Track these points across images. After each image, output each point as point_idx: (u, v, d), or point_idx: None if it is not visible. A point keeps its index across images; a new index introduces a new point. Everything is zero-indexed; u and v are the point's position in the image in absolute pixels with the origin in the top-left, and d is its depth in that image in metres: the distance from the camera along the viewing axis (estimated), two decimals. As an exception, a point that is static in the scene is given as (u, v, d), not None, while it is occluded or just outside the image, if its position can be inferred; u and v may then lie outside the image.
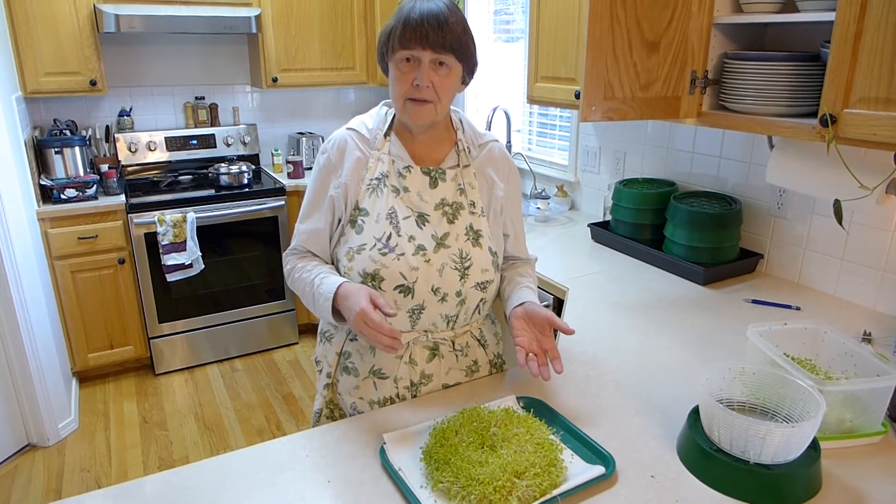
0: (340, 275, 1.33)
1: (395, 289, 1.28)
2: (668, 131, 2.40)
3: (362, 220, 1.31)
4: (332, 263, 1.39)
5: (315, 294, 1.28)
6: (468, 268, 1.32)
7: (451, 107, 1.39)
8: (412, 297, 1.29)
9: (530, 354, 1.25)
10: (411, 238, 1.29)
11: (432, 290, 1.30)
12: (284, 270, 1.41)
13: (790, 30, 1.85)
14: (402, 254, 1.28)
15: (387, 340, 1.16)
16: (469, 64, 1.28)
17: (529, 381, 1.41)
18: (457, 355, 1.40)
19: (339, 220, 1.35)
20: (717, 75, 1.79)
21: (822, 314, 1.77)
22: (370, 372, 1.37)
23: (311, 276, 1.31)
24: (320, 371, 1.48)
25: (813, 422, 1.00)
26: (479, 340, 1.44)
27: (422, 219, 1.31)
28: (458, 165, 1.36)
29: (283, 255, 1.43)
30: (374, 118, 1.38)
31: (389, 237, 1.29)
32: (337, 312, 1.27)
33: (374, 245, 1.29)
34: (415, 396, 1.37)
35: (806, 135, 1.50)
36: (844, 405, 1.19)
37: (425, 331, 1.35)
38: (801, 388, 1.10)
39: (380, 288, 1.28)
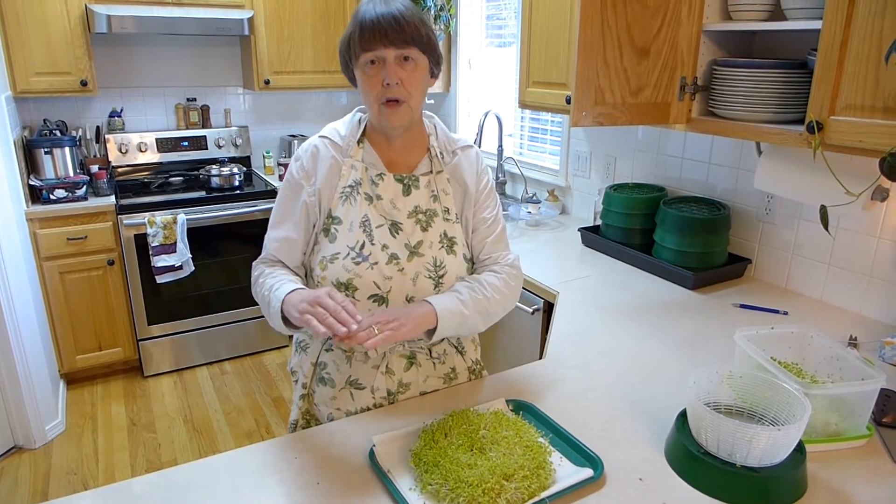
0: (314, 285, 1.31)
1: (369, 298, 1.27)
2: (658, 137, 2.42)
3: (335, 229, 1.29)
4: (306, 273, 1.37)
5: (270, 298, 1.23)
6: (442, 276, 1.31)
7: (426, 112, 1.38)
8: (386, 307, 1.28)
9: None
10: (384, 247, 1.28)
11: (406, 299, 1.28)
12: (252, 279, 1.36)
13: (778, 37, 1.87)
14: (376, 263, 1.26)
15: (342, 317, 1.09)
16: (434, 55, 1.26)
17: (519, 385, 1.41)
18: (434, 363, 1.39)
19: (314, 227, 1.32)
20: (706, 82, 1.81)
21: (808, 319, 1.78)
22: (347, 382, 1.35)
23: (272, 281, 1.26)
24: (296, 382, 1.46)
25: (799, 425, 1.02)
26: (456, 347, 1.43)
27: (395, 227, 1.30)
28: (431, 172, 1.35)
29: (253, 264, 1.37)
30: (347, 125, 1.35)
31: (363, 246, 1.27)
32: (287, 321, 1.21)
33: (348, 254, 1.27)
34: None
35: (793, 141, 1.52)
36: (830, 409, 1.20)
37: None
38: (788, 392, 1.11)
39: (353, 297, 1.26)
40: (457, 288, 1.32)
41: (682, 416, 1.18)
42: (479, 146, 3.08)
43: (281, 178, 3.72)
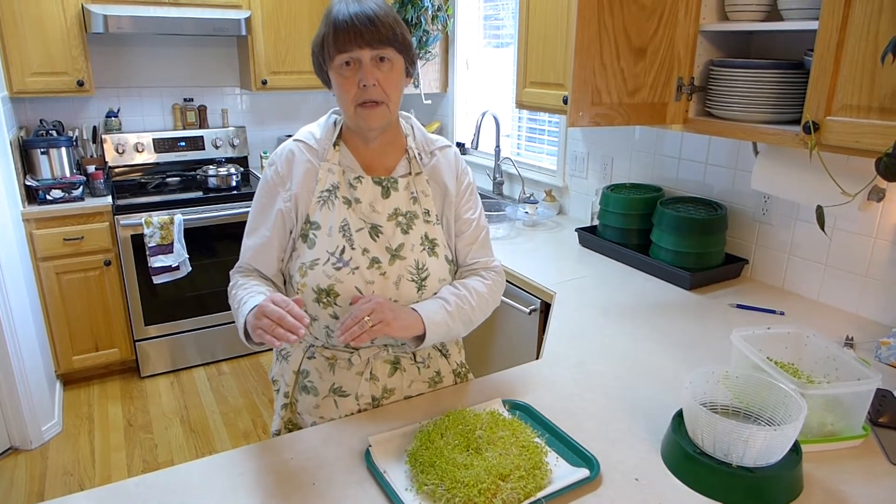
0: (294, 291, 1.29)
1: (352, 304, 1.24)
2: (655, 137, 2.42)
3: (314, 234, 1.27)
4: (284, 280, 1.35)
5: (238, 314, 1.22)
6: (425, 279, 1.29)
7: (402, 112, 1.36)
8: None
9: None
10: (365, 251, 1.26)
11: None
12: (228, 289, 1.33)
13: (775, 38, 1.87)
14: (357, 268, 1.24)
15: (288, 323, 1.05)
16: (409, 54, 1.24)
17: (516, 385, 1.41)
18: (419, 367, 1.38)
19: (291, 233, 1.30)
20: (703, 82, 1.81)
21: (805, 319, 1.79)
22: (330, 390, 1.33)
23: (242, 294, 1.24)
24: (277, 391, 1.44)
25: (794, 425, 1.02)
26: (440, 351, 1.42)
27: (375, 230, 1.28)
28: (409, 173, 1.33)
29: (230, 273, 1.36)
30: (322, 128, 1.33)
31: (343, 251, 1.25)
32: (248, 335, 1.18)
33: (328, 259, 1.25)
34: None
35: (789, 141, 1.52)
36: (826, 409, 1.20)
37: (385, 345, 1.33)
38: (784, 392, 1.11)
39: (335, 304, 1.25)
40: (444, 296, 1.30)
41: (679, 416, 1.18)
42: (476, 147, 3.09)
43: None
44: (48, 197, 3.06)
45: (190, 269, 3.31)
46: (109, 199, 3.23)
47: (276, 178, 1.30)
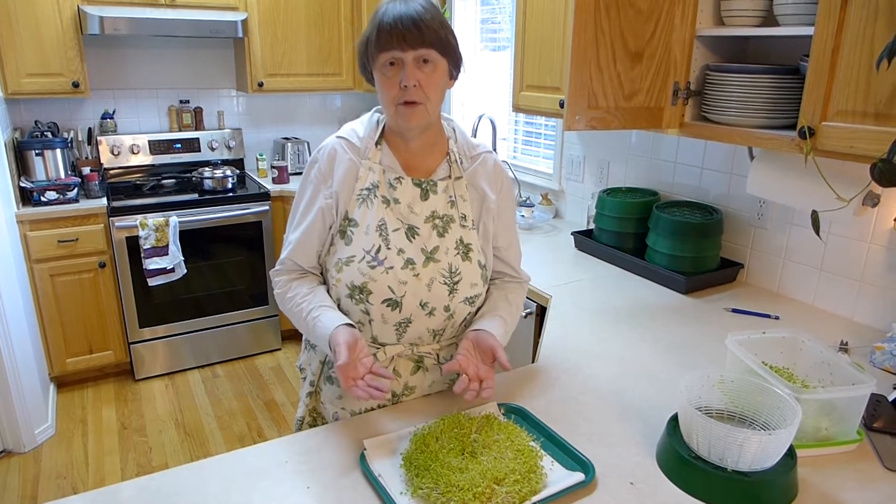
0: (329, 286, 1.32)
1: (383, 303, 1.26)
2: (651, 141, 2.43)
3: (352, 231, 1.28)
4: (322, 273, 1.37)
5: (314, 326, 1.26)
6: (457, 283, 1.30)
7: (445, 115, 1.37)
8: (399, 311, 1.28)
9: (471, 383, 1.23)
10: (400, 251, 1.27)
11: (420, 304, 1.28)
12: (275, 289, 1.36)
13: (771, 43, 1.88)
14: (391, 267, 1.26)
15: (361, 393, 1.16)
16: (453, 57, 1.25)
17: (511, 389, 1.41)
18: (441, 369, 1.39)
19: (330, 229, 1.32)
20: (699, 87, 1.82)
21: (800, 324, 1.79)
22: None
23: (307, 307, 1.28)
24: (304, 379, 1.46)
25: (789, 429, 1.02)
26: None
27: (411, 231, 1.29)
28: (449, 177, 1.33)
29: (272, 271, 1.37)
30: (365, 126, 1.34)
31: (378, 249, 1.26)
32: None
33: (363, 257, 1.26)
34: None
35: (785, 146, 1.53)
36: (821, 413, 1.20)
37: (411, 344, 1.34)
38: (779, 397, 1.11)
39: (367, 301, 1.26)
40: (502, 314, 1.36)
41: (674, 420, 1.18)
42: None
43: (274, 180, 3.71)
44: (43, 199, 3.05)
45: (185, 271, 3.30)
46: (104, 200, 3.21)
47: (319, 175, 1.31)
